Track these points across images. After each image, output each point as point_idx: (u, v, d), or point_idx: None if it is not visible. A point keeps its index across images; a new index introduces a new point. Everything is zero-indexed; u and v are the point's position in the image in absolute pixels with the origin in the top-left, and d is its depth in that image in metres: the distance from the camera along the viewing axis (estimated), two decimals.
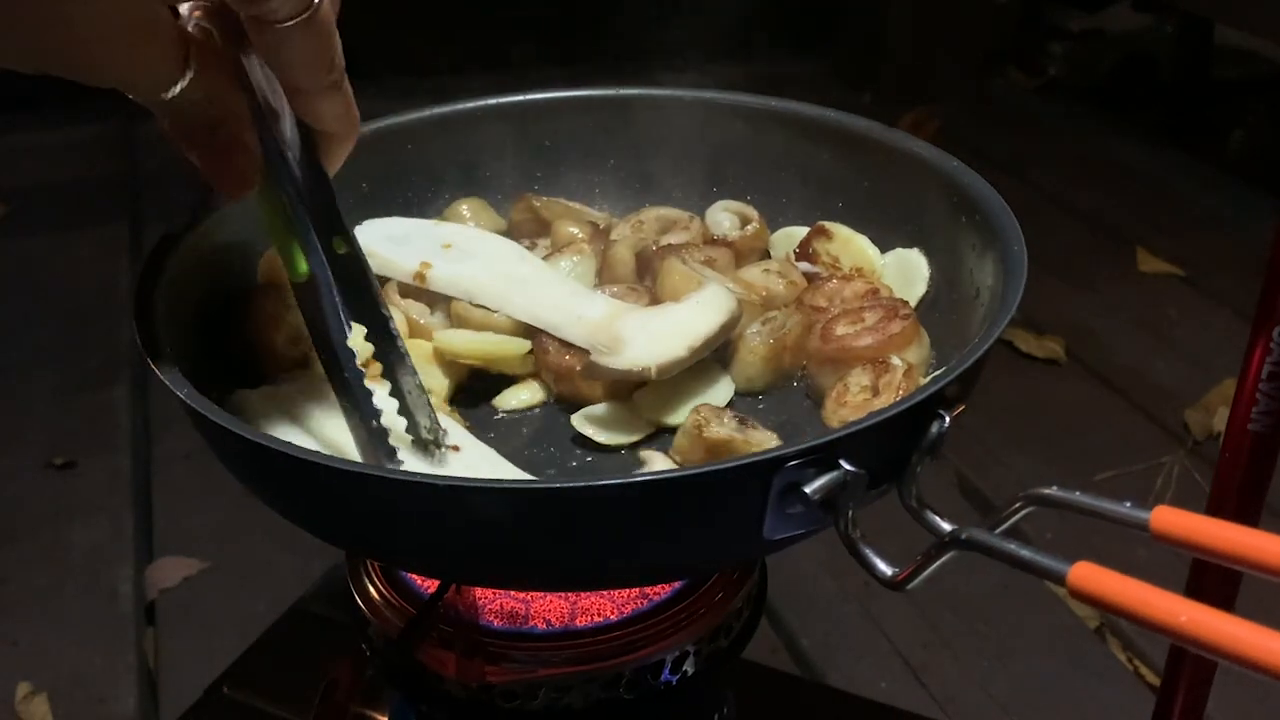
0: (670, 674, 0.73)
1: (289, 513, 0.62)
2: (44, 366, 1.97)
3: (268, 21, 0.53)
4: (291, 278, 0.62)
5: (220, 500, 1.58)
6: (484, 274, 0.77)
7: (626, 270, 0.81)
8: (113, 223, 2.41)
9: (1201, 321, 2.11)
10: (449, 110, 0.88)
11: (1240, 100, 2.86)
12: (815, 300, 0.77)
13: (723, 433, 0.65)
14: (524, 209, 0.87)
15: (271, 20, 0.53)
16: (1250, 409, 0.73)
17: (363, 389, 0.62)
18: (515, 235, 0.86)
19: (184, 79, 0.53)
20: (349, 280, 0.62)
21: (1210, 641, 0.40)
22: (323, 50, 0.56)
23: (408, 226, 0.82)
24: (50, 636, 1.44)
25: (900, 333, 0.71)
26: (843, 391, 0.69)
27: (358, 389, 0.62)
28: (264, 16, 0.53)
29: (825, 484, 0.52)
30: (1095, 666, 1.41)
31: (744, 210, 0.85)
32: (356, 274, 0.63)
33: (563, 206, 0.88)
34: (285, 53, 0.55)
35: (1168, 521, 0.45)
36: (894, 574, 0.52)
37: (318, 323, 0.62)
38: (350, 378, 0.62)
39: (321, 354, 0.63)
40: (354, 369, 0.62)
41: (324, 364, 0.63)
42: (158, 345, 0.62)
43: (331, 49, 0.56)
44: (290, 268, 0.62)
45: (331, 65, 0.57)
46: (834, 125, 0.84)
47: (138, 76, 0.52)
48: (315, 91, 0.58)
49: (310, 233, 0.61)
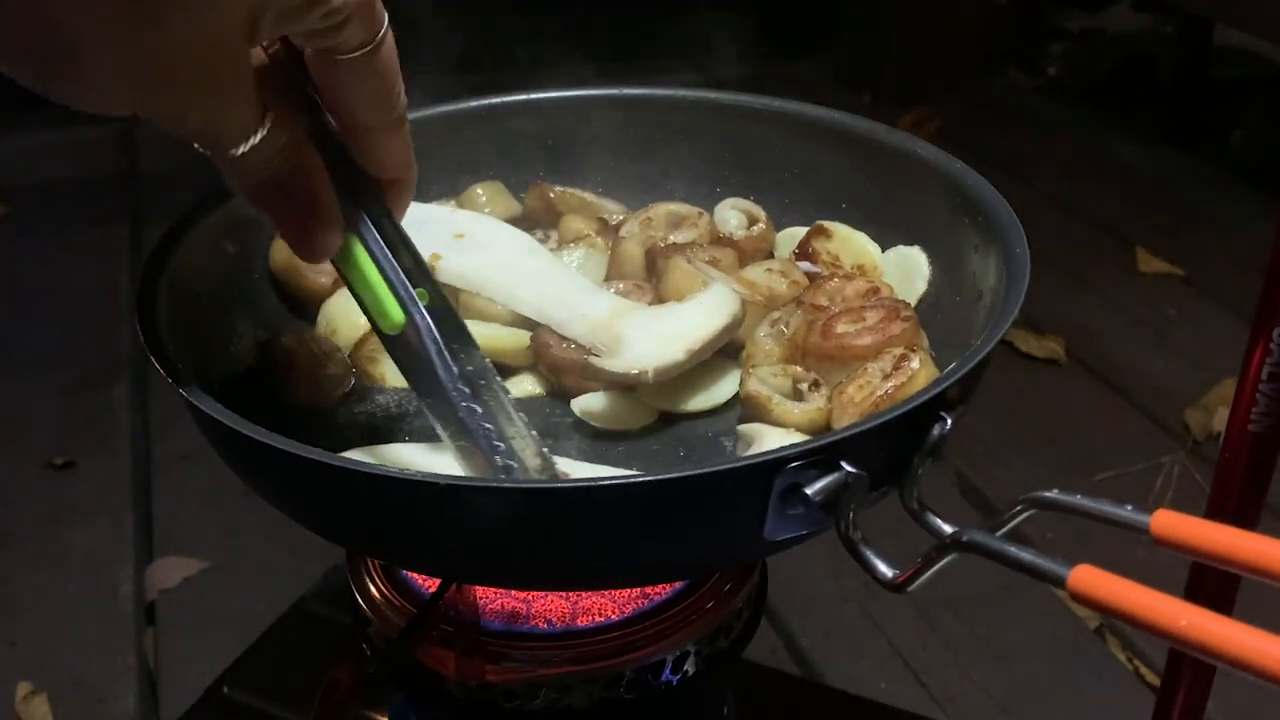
0: (671, 674, 0.73)
1: (293, 512, 0.62)
2: (44, 366, 1.97)
3: (336, 54, 0.52)
4: (385, 329, 0.61)
5: (220, 500, 1.58)
6: (492, 267, 0.77)
7: (635, 267, 0.82)
8: (113, 223, 2.41)
9: (1201, 321, 2.11)
10: (463, 107, 0.89)
11: (1240, 100, 2.86)
12: (816, 299, 0.77)
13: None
14: (538, 197, 0.88)
15: (341, 52, 0.52)
16: (1250, 409, 0.73)
17: (481, 428, 0.61)
18: (530, 222, 0.87)
19: (262, 129, 0.52)
20: (441, 328, 0.61)
21: (1210, 646, 0.40)
22: (388, 82, 0.55)
23: (423, 212, 0.81)
24: (50, 636, 1.44)
25: (901, 333, 0.71)
26: (859, 385, 0.69)
27: (476, 429, 0.61)
28: (334, 49, 0.52)
29: (827, 485, 0.52)
30: (1095, 666, 1.41)
31: (752, 209, 0.86)
32: (448, 321, 0.62)
33: (577, 198, 0.88)
34: (351, 87, 0.54)
35: (1168, 525, 0.45)
36: (895, 576, 0.52)
37: (420, 372, 0.61)
38: (466, 419, 0.61)
39: (427, 401, 0.62)
40: (468, 410, 0.61)
41: (431, 411, 0.63)
42: (160, 343, 0.62)
43: (396, 80, 0.55)
44: (382, 320, 0.61)
45: (396, 99, 0.56)
46: (837, 126, 0.84)
47: (219, 122, 0.51)
48: (379, 128, 0.57)
49: (406, 285, 0.60)
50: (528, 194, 0.89)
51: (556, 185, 0.88)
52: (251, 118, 0.51)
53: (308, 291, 0.79)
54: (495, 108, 0.90)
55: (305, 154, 0.56)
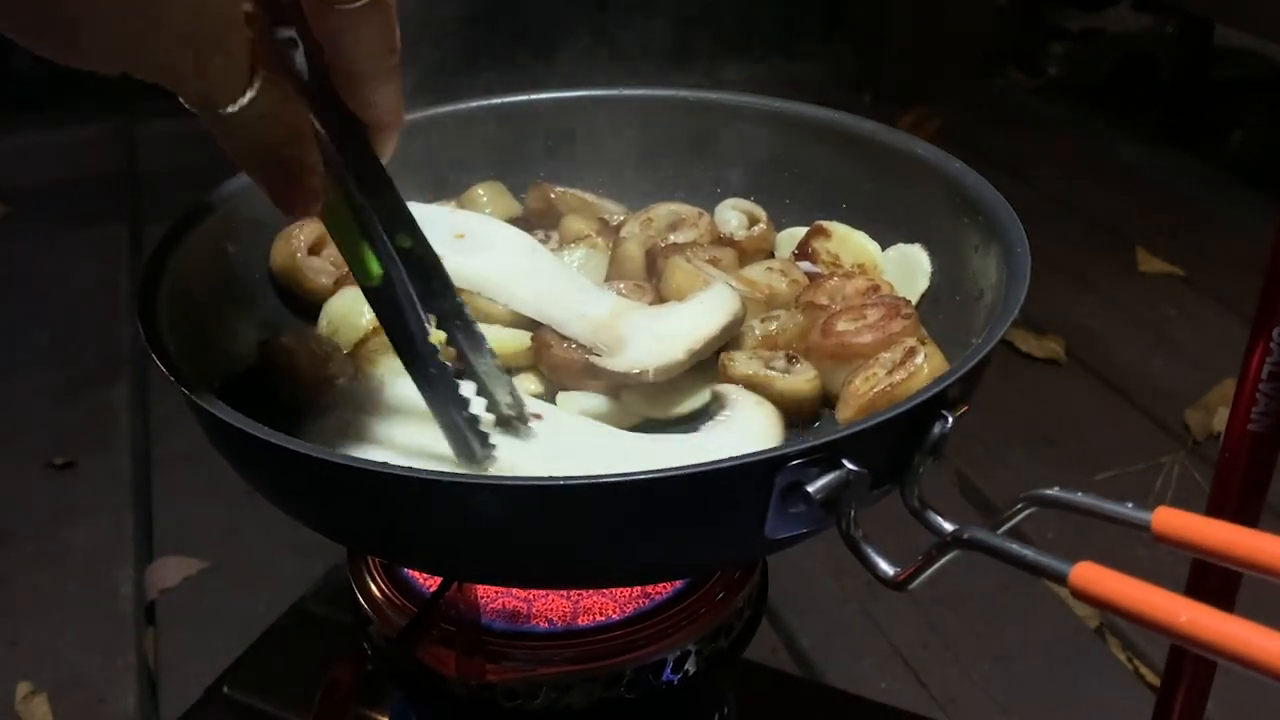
0: (671, 673, 0.73)
1: (294, 511, 0.62)
2: (44, 366, 1.97)
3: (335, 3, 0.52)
4: (364, 283, 0.62)
5: (220, 500, 1.58)
6: (493, 267, 0.78)
7: (635, 267, 0.82)
8: (113, 223, 2.41)
9: (1201, 321, 2.11)
10: (468, 106, 0.89)
11: (1240, 100, 2.86)
12: (817, 298, 0.77)
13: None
14: (539, 197, 0.88)
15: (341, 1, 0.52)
16: (1250, 409, 0.73)
17: (449, 382, 0.62)
18: (531, 223, 0.87)
19: (252, 89, 0.52)
20: (419, 273, 0.62)
21: (1210, 642, 0.40)
22: (387, 31, 0.55)
23: (424, 212, 0.81)
24: (50, 636, 1.44)
25: (902, 330, 0.71)
26: (865, 378, 0.69)
27: (444, 384, 0.62)
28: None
29: (828, 483, 0.52)
30: (1095, 666, 1.41)
31: (752, 210, 0.86)
32: (427, 265, 0.62)
33: (578, 198, 0.88)
34: (351, 35, 0.54)
35: (1169, 522, 0.45)
36: (896, 574, 0.52)
37: (396, 324, 0.62)
38: (436, 373, 0.62)
39: (402, 353, 0.63)
40: (438, 363, 0.62)
41: (405, 363, 0.63)
42: (161, 342, 0.62)
43: (394, 28, 0.55)
44: (362, 273, 0.61)
45: (394, 47, 0.56)
46: (838, 126, 0.85)
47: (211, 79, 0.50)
48: (375, 76, 0.57)
49: (381, 235, 0.61)
50: (528, 194, 0.89)
51: (557, 186, 0.89)
52: (243, 74, 0.52)
53: (308, 291, 0.79)
54: (498, 108, 0.90)
55: (294, 110, 0.56)
